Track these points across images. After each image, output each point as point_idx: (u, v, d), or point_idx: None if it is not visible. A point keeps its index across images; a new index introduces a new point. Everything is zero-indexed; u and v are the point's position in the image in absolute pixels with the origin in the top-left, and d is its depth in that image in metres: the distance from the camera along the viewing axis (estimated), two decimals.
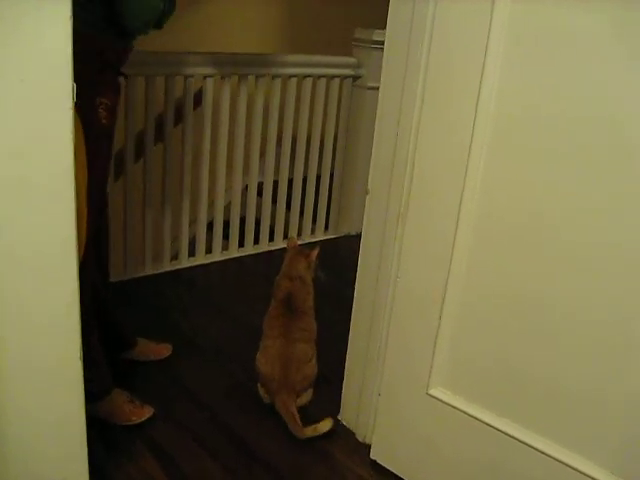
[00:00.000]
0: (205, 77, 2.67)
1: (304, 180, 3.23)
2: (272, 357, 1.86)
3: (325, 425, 1.80)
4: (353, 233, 3.33)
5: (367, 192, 1.65)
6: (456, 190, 1.42)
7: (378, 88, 1.58)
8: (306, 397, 1.93)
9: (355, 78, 3.20)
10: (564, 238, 1.30)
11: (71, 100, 1.01)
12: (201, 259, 2.96)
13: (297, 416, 1.81)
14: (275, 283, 2.02)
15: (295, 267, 2.00)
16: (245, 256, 3.09)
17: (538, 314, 1.36)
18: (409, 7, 1.45)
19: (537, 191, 1.32)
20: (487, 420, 1.48)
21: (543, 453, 1.39)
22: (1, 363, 1.09)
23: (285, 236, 3.25)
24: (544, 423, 1.40)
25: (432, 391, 1.56)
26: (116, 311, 2.03)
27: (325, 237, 3.42)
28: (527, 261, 1.36)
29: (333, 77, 3.13)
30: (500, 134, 1.35)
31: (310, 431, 1.78)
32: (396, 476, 1.68)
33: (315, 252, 2.04)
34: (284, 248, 3.08)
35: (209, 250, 3.00)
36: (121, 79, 1.71)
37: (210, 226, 2.97)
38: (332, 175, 3.34)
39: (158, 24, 1.72)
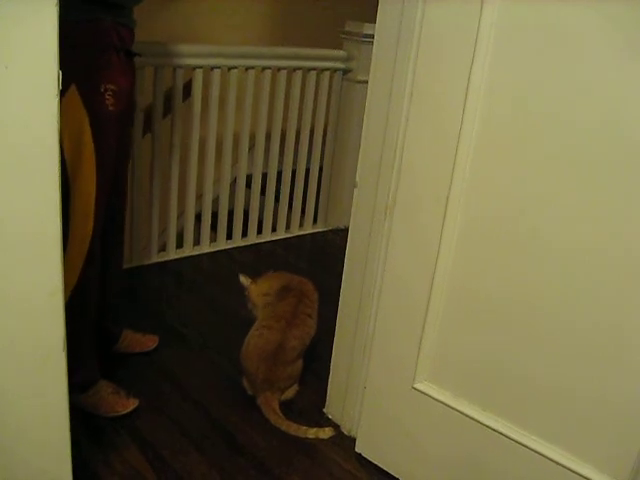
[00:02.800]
0: (194, 68, 2.65)
1: (293, 173, 3.22)
2: (258, 355, 1.84)
3: (324, 433, 1.80)
4: (342, 226, 3.33)
5: (355, 185, 1.65)
6: (444, 184, 1.42)
7: (368, 82, 1.57)
8: (291, 392, 1.93)
9: (345, 71, 3.19)
10: (553, 236, 1.30)
11: (56, 87, 1.00)
12: (189, 251, 2.95)
13: (279, 412, 1.82)
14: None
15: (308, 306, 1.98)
16: (233, 248, 3.09)
17: (524, 310, 1.37)
18: (399, 1, 1.44)
19: (525, 187, 1.32)
20: (472, 414, 1.48)
21: (527, 447, 1.40)
22: None
23: (274, 229, 3.25)
24: (528, 418, 1.41)
25: (418, 385, 1.57)
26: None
27: (314, 230, 3.42)
28: (514, 257, 1.37)
29: (323, 70, 3.12)
30: (488, 130, 1.35)
31: (311, 433, 1.79)
32: (381, 469, 1.69)
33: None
34: (272, 243, 3.07)
35: (197, 242, 2.99)
36: (136, 59, 1.67)
37: (198, 218, 2.96)
38: (321, 168, 3.34)
39: None
